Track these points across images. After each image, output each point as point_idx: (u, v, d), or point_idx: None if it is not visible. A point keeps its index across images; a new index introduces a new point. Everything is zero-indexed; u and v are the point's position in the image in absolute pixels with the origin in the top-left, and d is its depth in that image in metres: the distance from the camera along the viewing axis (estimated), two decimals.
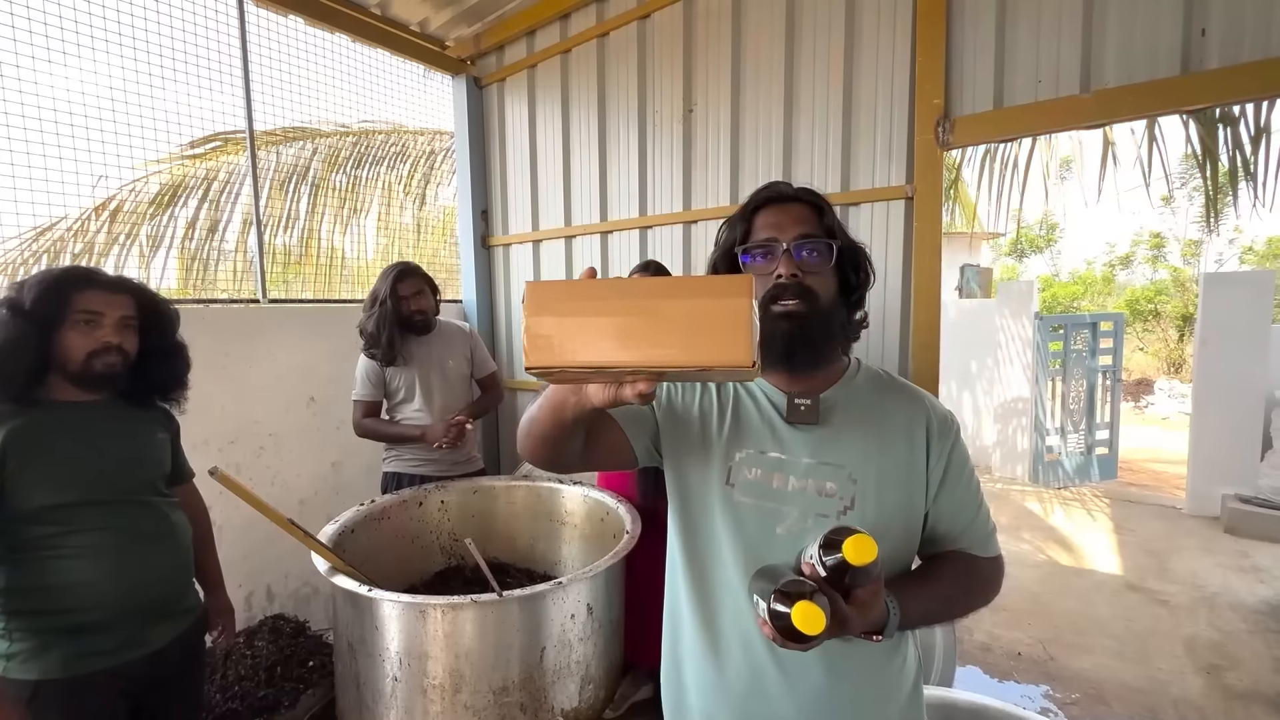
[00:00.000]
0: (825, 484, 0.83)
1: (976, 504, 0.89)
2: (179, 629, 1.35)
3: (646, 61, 2.58)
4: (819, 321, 0.83)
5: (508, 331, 3.25)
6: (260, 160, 3.75)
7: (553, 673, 1.55)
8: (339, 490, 2.69)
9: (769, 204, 0.89)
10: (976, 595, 0.88)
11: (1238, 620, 2.98)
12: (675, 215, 2.54)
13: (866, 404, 0.88)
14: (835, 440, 0.85)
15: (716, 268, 0.94)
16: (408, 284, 2.21)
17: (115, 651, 1.23)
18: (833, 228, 0.87)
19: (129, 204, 3.42)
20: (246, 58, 2.52)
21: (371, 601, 1.47)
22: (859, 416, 0.87)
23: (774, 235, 0.85)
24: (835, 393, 0.88)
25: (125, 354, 1.28)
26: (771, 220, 0.87)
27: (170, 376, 1.42)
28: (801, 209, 0.87)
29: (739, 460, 0.87)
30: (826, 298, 0.85)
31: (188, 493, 1.53)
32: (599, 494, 2.12)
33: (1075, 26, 1.75)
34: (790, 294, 0.82)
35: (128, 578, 1.24)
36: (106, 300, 1.26)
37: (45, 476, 1.18)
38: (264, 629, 2.16)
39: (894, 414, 0.87)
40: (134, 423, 1.36)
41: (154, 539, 1.31)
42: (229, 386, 2.34)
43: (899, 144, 2.03)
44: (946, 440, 0.87)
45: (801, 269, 0.83)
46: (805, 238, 0.84)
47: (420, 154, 4.53)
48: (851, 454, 0.84)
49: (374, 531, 2.00)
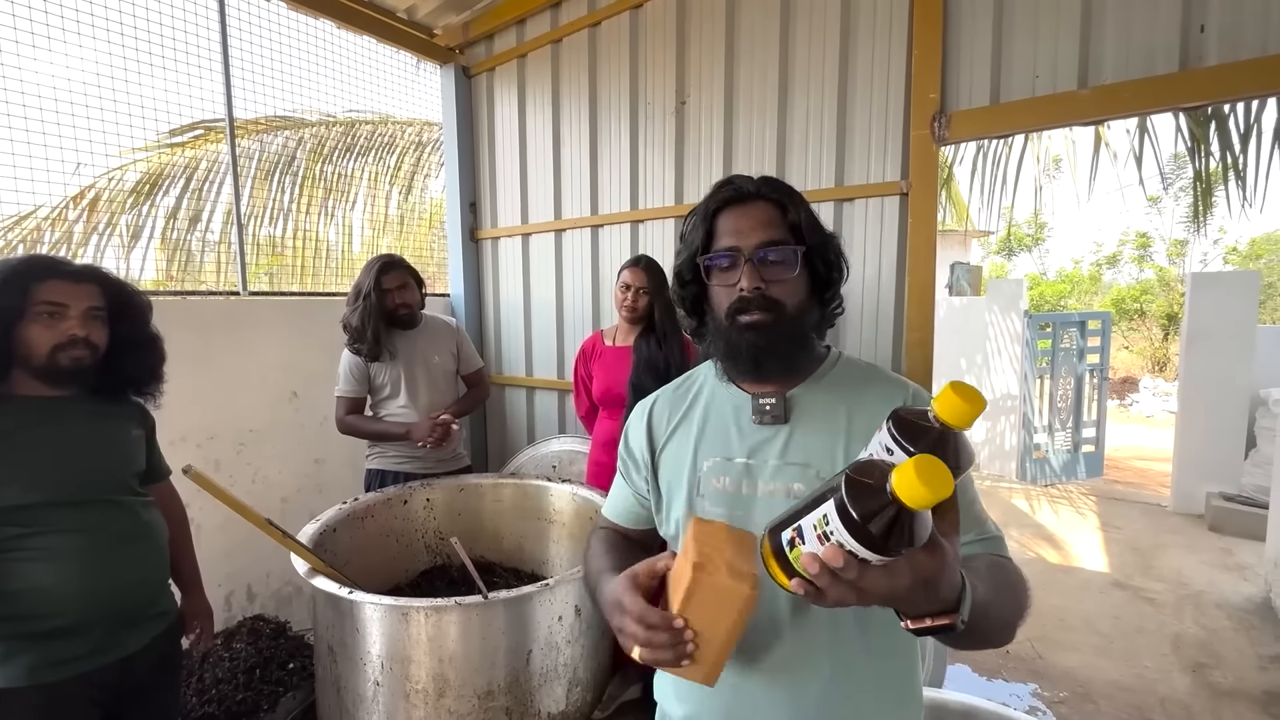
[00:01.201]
0: (793, 485, 0.78)
1: (971, 500, 0.77)
2: (152, 633, 1.30)
3: (639, 52, 2.54)
4: (786, 331, 0.80)
5: (495, 326, 3.20)
6: (243, 150, 3.68)
7: (539, 676, 1.51)
8: (322, 488, 2.64)
9: (729, 205, 0.84)
10: (1019, 599, 0.71)
11: (1222, 618, 3.00)
12: (667, 209, 2.50)
13: (839, 397, 0.82)
14: (803, 438, 0.80)
15: (682, 275, 0.88)
16: (392, 276, 2.16)
17: (84, 658, 1.18)
18: (798, 223, 0.81)
19: (108, 193, 3.34)
20: (226, 43, 2.45)
21: (352, 604, 1.43)
22: (828, 411, 0.81)
23: (734, 244, 0.80)
24: (804, 389, 0.83)
25: (93, 347, 1.23)
26: (731, 225, 0.82)
27: (143, 369, 1.36)
28: (764, 209, 0.82)
29: (706, 470, 0.84)
30: (794, 304, 0.81)
31: (164, 491, 1.48)
32: (588, 492, 2.09)
33: (1073, 21, 1.73)
34: (755, 307, 0.78)
35: (96, 581, 1.19)
36: (71, 291, 1.20)
37: (8, 476, 1.13)
38: (243, 630, 2.10)
39: (868, 405, 0.80)
40: (105, 419, 1.30)
41: (125, 540, 1.25)
42: (208, 381, 2.28)
43: (894, 139, 2.00)
44: None
45: (765, 278, 0.79)
46: (768, 245, 0.79)
47: (408, 145, 4.45)
48: (818, 451, 0.79)
49: (357, 530, 1.96)
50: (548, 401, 3.00)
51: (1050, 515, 4.59)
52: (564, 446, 2.73)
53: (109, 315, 1.28)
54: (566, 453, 2.69)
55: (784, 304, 0.79)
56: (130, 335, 1.32)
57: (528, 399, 3.08)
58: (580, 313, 2.84)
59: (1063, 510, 4.71)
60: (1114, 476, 5.71)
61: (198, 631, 1.51)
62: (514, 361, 3.12)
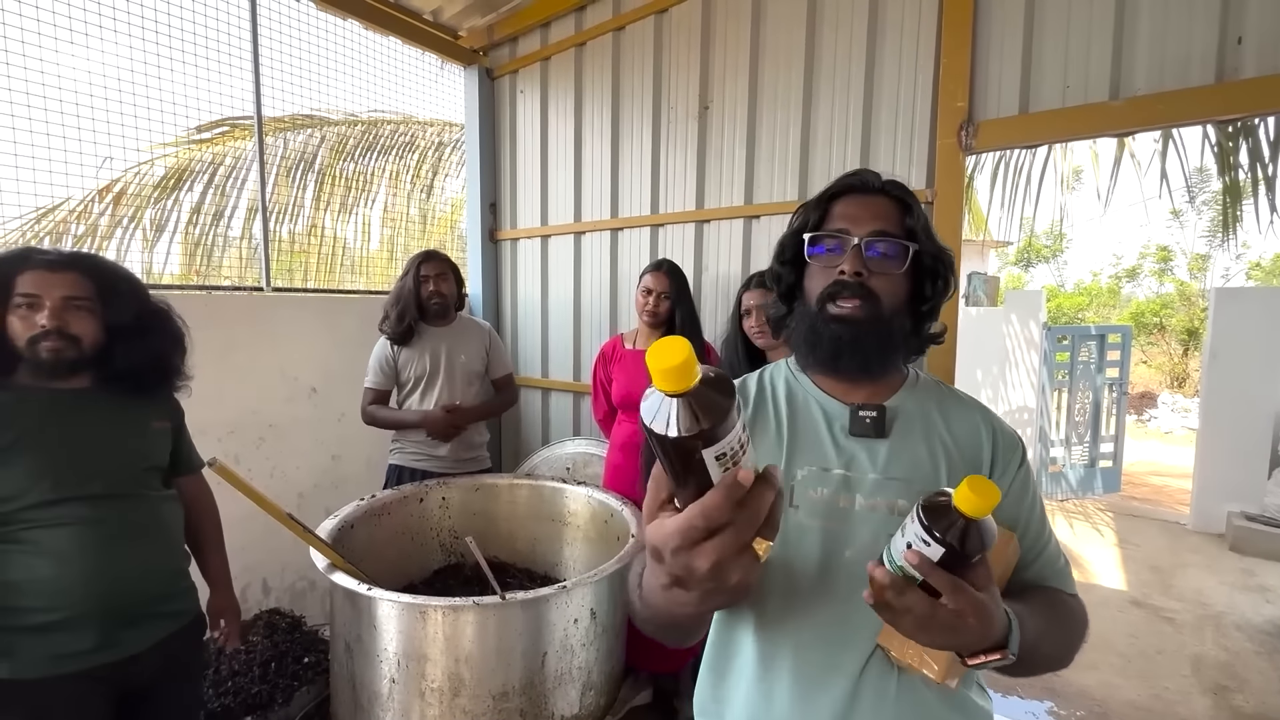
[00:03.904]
0: (897, 501, 0.74)
1: (1046, 534, 0.79)
2: (164, 632, 1.26)
3: (662, 57, 2.54)
4: (876, 329, 0.76)
5: (512, 327, 3.21)
6: (267, 147, 3.72)
7: (554, 678, 1.51)
8: (338, 484, 2.66)
9: (849, 193, 0.82)
10: (1075, 631, 0.75)
11: (1244, 640, 2.94)
12: (688, 214, 2.50)
13: (930, 414, 0.80)
14: (903, 453, 0.77)
15: (783, 251, 0.86)
16: (432, 265, 2.26)
17: (86, 654, 1.15)
18: (914, 230, 0.79)
19: (133, 187, 3.39)
20: (257, 41, 2.48)
21: (370, 601, 1.43)
22: (923, 427, 0.79)
23: (846, 227, 0.78)
24: (897, 401, 0.81)
25: (73, 338, 1.17)
26: (848, 211, 0.80)
27: (148, 356, 1.28)
28: (884, 203, 0.80)
29: (801, 479, 0.78)
30: (890, 303, 0.77)
31: (194, 485, 1.45)
32: (604, 495, 2.08)
33: (1106, 31, 1.71)
34: (849, 293, 0.76)
35: (98, 575, 1.16)
36: (45, 281, 1.15)
37: (6, 468, 1.11)
38: (259, 623, 2.12)
39: (958, 425, 0.79)
40: (118, 411, 1.26)
41: (133, 534, 1.22)
42: (229, 375, 2.30)
43: (920, 147, 1.99)
44: (1013, 460, 0.79)
45: (869, 267, 0.76)
46: (880, 234, 0.77)
47: (429, 145, 4.49)
48: (921, 467, 0.76)
49: (374, 527, 1.96)
50: (563, 403, 3.00)
51: (1066, 530, 4.52)
52: (579, 449, 2.73)
53: (101, 304, 1.21)
54: (581, 455, 2.69)
55: (881, 298, 0.77)
56: (129, 322, 1.25)
57: (543, 400, 3.08)
58: (598, 316, 2.84)
59: (1079, 526, 4.64)
60: (1130, 492, 5.62)
61: (223, 627, 1.48)
62: (530, 363, 3.13)
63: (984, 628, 0.57)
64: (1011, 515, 0.77)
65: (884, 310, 0.77)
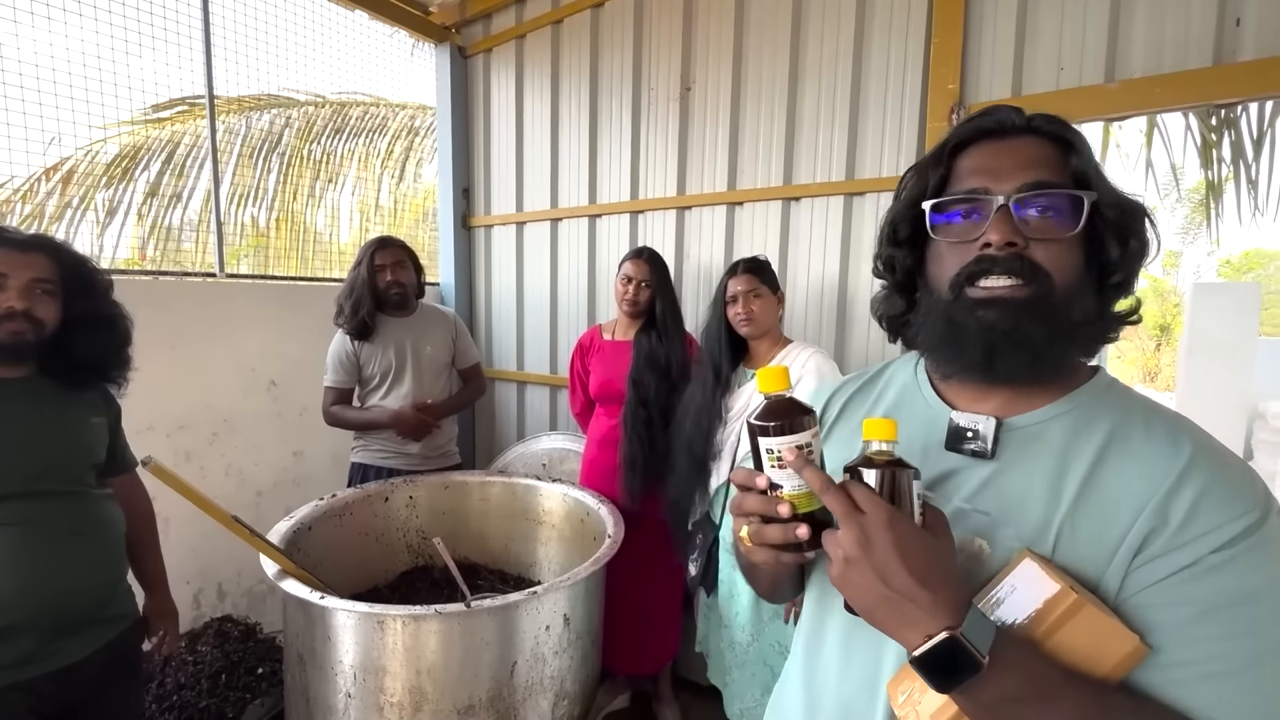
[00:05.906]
0: (975, 540, 0.56)
1: (1248, 661, 0.47)
2: (103, 639, 1.20)
3: (643, 36, 2.43)
4: (1047, 316, 0.55)
5: (487, 316, 3.09)
6: (228, 127, 3.55)
7: (524, 689, 1.42)
8: (300, 482, 2.52)
9: (982, 138, 0.60)
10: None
11: None
12: (669, 200, 2.40)
13: (1083, 440, 0.56)
14: (1006, 484, 0.57)
15: (895, 230, 0.66)
16: (387, 253, 2.10)
17: (18, 665, 1.08)
18: (1085, 173, 0.57)
19: (84, 166, 3.21)
20: (208, 14, 2.32)
21: (324, 610, 1.32)
22: (1059, 457, 0.56)
23: (984, 184, 0.58)
24: (1043, 416, 0.58)
25: (37, 322, 1.13)
26: (983, 163, 0.59)
27: (101, 350, 1.25)
28: (1034, 145, 0.58)
29: None
30: (1064, 280, 0.56)
31: (129, 484, 1.38)
32: (580, 493, 1.99)
33: (1102, 11, 1.64)
34: (1003, 270, 0.55)
35: (33, 581, 1.09)
36: (12, 260, 1.11)
37: None
38: (209, 632, 1.98)
39: (1126, 467, 0.53)
40: (60, 404, 1.20)
41: (70, 536, 1.15)
42: (179, 367, 2.16)
43: (910, 130, 1.91)
44: (1195, 545, 0.48)
45: (1027, 235, 0.56)
46: (1035, 188, 0.56)
47: (401, 129, 4.33)
48: (1024, 508, 0.55)
49: (334, 528, 1.85)
50: (539, 397, 2.90)
51: None
52: (555, 444, 2.63)
53: (62, 290, 1.18)
54: (558, 450, 2.59)
55: (1049, 273, 0.55)
56: (86, 312, 1.22)
57: (518, 394, 2.98)
58: (576, 306, 2.74)
59: None
60: None
61: (161, 634, 1.42)
62: (505, 355, 3.01)
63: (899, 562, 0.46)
64: (1150, 621, 0.49)
65: (1057, 289, 0.56)
